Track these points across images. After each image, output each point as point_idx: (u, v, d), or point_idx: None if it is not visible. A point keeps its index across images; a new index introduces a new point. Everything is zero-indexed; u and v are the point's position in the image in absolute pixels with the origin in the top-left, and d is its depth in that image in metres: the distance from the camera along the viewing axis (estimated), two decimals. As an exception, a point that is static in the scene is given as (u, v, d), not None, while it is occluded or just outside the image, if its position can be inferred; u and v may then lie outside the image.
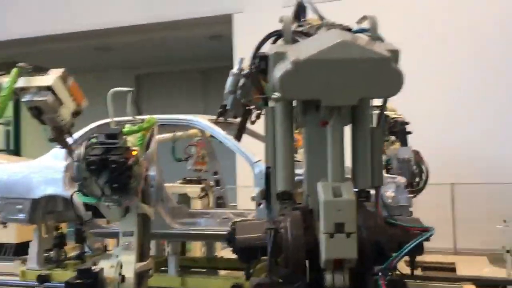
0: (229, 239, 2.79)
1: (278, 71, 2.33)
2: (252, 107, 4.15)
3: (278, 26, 2.62)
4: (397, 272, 2.58)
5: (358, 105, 2.38)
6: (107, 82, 12.48)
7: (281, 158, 2.62)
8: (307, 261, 2.60)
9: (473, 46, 9.03)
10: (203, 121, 4.91)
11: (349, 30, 2.51)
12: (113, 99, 4.42)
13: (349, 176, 2.50)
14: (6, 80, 3.99)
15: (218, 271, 5.96)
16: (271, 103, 2.66)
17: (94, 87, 10.72)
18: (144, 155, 4.23)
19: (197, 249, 7.17)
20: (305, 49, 2.34)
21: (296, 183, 2.73)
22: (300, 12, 2.83)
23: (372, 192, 2.58)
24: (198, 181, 6.93)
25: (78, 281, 3.39)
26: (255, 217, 4.66)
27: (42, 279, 5.32)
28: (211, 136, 4.80)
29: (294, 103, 2.60)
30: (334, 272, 2.44)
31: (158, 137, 5.36)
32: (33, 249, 5.53)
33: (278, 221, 2.71)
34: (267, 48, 2.59)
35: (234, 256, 2.74)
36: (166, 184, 5.61)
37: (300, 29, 2.66)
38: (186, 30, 11.45)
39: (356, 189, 2.47)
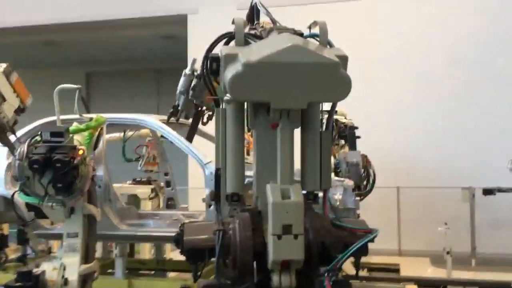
0: (177, 240, 2.77)
1: (229, 72, 2.33)
2: (204, 108, 4.15)
3: (232, 28, 2.63)
4: (343, 273, 2.65)
5: (308, 108, 2.43)
6: (56, 79, 12.08)
7: (231, 160, 2.62)
8: (254, 263, 2.61)
9: (419, 55, 9.40)
10: (154, 121, 4.84)
11: (300, 35, 2.55)
12: (60, 96, 4.29)
13: (298, 178, 2.54)
14: None
15: (167, 273, 5.88)
16: (222, 105, 2.67)
17: (42, 83, 10.35)
18: (92, 154, 4.12)
19: (146, 251, 7.06)
20: (256, 51, 2.36)
21: (246, 185, 2.75)
22: (253, 15, 2.85)
23: (320, 194, 2.62)
24: (148, 182, 6.83)
25: (17, 284, 3.25)
26: (205, 218, 4.64)
27: (-20, 282, 5.06)
28: (162, 136, 4.75)
29: (246, 105, 2.62)
30: (281, 273, 2.46)
31: (107, 136, 5.24)
32: (-30, 251, 5.27)
33: (227, 223, 2.71)
34: (219, 50, 2.60)
35: (183, 258, 2.72)
36: (115, 185, 5.49)
37: (252, 31, 2.69)
38: (140, 29, 11.29)
39: (305, 192, 2.51)
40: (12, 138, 4.09)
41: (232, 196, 2.67)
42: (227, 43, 2.68)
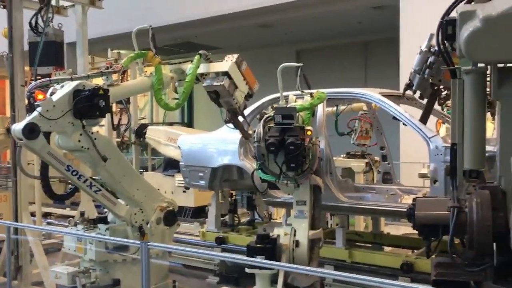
0: (409, 214, 2.75)
1: (464, 31, 2.16)
2: (441, 87, 3.91)
3: None
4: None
5: None
6: (269, 59, 12.94)
7: (469, 135, 2.47)
8: (494, 244, 2.45)
9: None
10: (375, 95, 4.80)
11: None
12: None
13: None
14: (189, 66, 4.37)
15: (382, 247, 5.89)
16: (460, 75, 2.51)
17: (256, 63, 11.15)
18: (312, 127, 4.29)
19: (360, 224, 7.18)
20: (499, 4, 2.12)
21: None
22: None
23: None
24: (362, 156, 6.87)
25: (258, 245, 3.64)
26: (428, 194, 4.49)
27: (220, 240, 5.82)
28: (394, 118, 4.58)
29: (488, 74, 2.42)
30: (529, 257, 2.26)
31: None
32: (211, 213, 6.08)
33: (463, 200, 2.59)
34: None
35: (401, 233, 2.69)
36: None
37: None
38: (349, 2, 11.23)
39: None
40: (240, 120, 4.47)
41: (470, 172, 2.53)
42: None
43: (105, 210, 4.42)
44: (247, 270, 3.68)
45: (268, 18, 12.80)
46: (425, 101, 4.20)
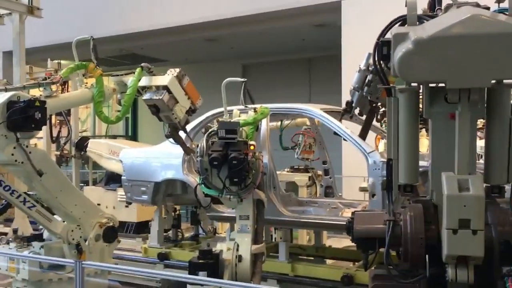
0: (348, 228, 2.82)
1: (398, 52, 2.25)
2: (379, 104, 4.06)
3: (388, 13, 2.54)
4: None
5: (494, 89, 2.23)
6: (215, 73, 12.98)
7: (404, 151, 2.57)
8: (427, 256, 2.55)
9: None
10: (317, 111, 4.90)
11: (487, 9, 2.36)
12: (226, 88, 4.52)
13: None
14: (130, 79, 4.30)
15: (324, 260, 5.97)
16: (395, 94, 2.61)
17: (202, 76, 11.14)
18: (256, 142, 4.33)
19: (303, 237, 7.25)
20: (430, 27, 2.23)
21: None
22: (435, 2, 2.69)
23: (508, 188, 2.44)
24: (305, 170, 6.98)
25: (201, 261, 3.60)
26: (367, 208, 4.61)
27: (163, 256, 5.70)
28: (335, 133, 4.67)
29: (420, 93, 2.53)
30: (457, 267, 2.36)
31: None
32: (154, 228, 5.95)
33: (398, 213, 2.68)
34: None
35: (342, 246, 2.75)
36: (274, 172, 5.68)
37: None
38: (294, 19, 11.48)
39: (488, 185, 2.36)
40: (182, 135, 4.44)
41: (405, 186, 2.63)
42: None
43: (41, 227, 4.24)
44: (188, 287, 3.62)
45: (213, 32, 12.84)
46: (364, 117, 4.34)
